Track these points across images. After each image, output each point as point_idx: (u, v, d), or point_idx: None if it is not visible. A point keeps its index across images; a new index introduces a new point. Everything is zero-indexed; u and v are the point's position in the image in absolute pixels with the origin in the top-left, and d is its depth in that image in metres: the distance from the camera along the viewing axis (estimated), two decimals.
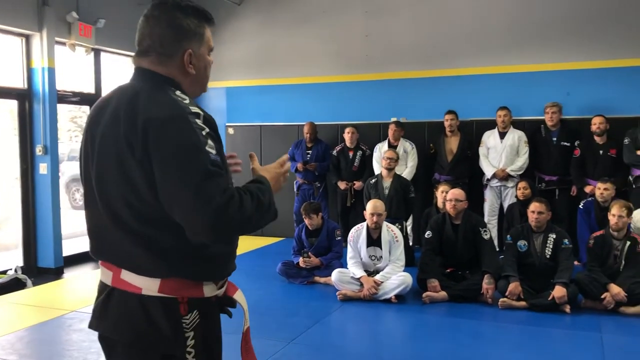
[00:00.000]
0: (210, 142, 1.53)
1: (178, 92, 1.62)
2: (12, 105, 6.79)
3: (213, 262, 1.67)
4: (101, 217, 1.64)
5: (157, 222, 1.55)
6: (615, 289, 4.70)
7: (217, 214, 1.45)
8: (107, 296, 1.66)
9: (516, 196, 6.38)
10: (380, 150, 7.32)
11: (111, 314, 1.64)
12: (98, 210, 1.64)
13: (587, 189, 6.41)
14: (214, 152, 1.52)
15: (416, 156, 7.33)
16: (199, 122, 1.54)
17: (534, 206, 5.12)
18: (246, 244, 8.06)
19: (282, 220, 8.15)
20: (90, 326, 1.70)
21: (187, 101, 1.59)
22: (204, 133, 1.53)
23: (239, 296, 1.82)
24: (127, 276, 1.61)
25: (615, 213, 4.90)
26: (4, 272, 6.33)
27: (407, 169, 7.24)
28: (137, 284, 1.60)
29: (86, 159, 1.68)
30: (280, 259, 6.09)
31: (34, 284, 6.21)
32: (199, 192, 1.45)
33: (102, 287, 1.69)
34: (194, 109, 1.57)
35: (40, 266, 6.85)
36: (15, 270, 6.32)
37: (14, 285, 6.14)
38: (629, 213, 4.92)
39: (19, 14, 6.54)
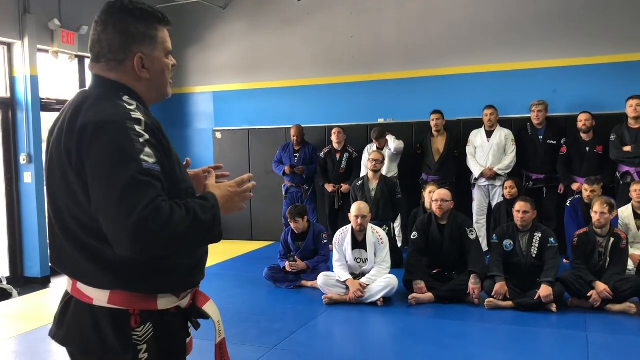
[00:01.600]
0: (147, 149, 1.45)
1: (126, 98, 1.57)
2: None
3: (169, 274, 1.60)
4: (54, 228, 1.62)
5: (100, 233, 1.47)
6: (600, 286, 4.68)
7: (137, 227, 1.36)
8: (66, 305, 1.64)
9: (503, 195, 6.35)
10: (369, 152, 7.28)
11: (66, 323, 1.62)
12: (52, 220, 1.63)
13: (574, 187, 6.39)
14: (151, 160, 1.45)
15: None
16: (138, 128, 1.47)
17: (519, 205, 5.09)
18: (234, 248, 8.03)
19: (271, 224, 8.20)
20: (49, 333, 1.68)
21: (132, 107, 1.53)
22: (141, 140, 1.46)
23: (209, 307, 1.75)
24: (81, 286, 1.58)
25: (597, 210, 4.88)
26: None
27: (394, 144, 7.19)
28: (89, 294, 1.57)
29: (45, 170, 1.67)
30: (269, 263, 6.05)
31: (20, 293, 6.16)
32: (122, 202, 1.37)
33: (65, 294, 1.68)
34: (136, 115, 1.50)
35: (26, 276, 6.80)
36: (0, 281, 6.28)
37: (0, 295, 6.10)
38: (611, 209, 4.89)
39: (0, 23, 6.49)
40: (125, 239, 1.37)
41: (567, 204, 6.19)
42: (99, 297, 1.55)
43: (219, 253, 7.74)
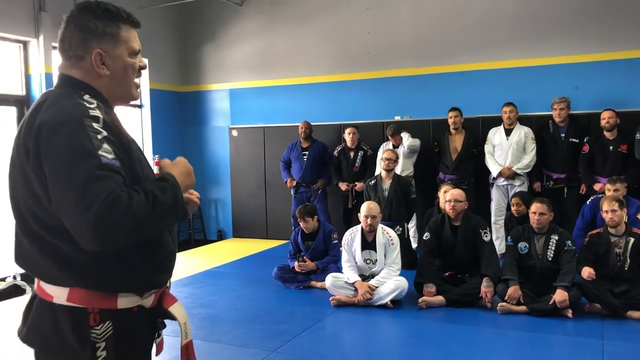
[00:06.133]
0: (106, 146, 1.47)
1: (87, 97, 1.58)
2: (11, 112, 6.79)
3: (129, 274, 1.59)
4: (16, 226, 1.63)
5: (59, 231, 1.49)
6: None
7: (98, 219, 1.37)
8: (30, 303, 1.66)
9: (511, 212, 6.05)
10: (384, 150, 7.13)
11: (29, 320, 1.64)
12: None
13: (597, 187, 6.15)
14: (109, 156, 1.46)
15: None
16: (96, 125, 1.49)
17: (536, 207, 4.89)
18: (248, 247, 7.99)
19: (286, 222, 8.11)
20: (17, 332, 1.68)
21: (92, 105, 1.55)
22: (99, 137, 1.48)
23: (175, 309, 1.74)
24: (43, 284, 1.59)
25: (606, 209, 4.66)
26: (3, 279, 6.34)
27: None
28: (49, 292, 1.57)
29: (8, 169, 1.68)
30: (282, 262, 5.96)
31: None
32: (82, 197, 1.39)
33: (32, 293, 1.69)
34: (94, 113, 1.52)
35: None
36: (14, 277, 6.32)
37: (13, 292, 6.15)
38: (621, 205, 4.66)
39: (16, 20, 6.55)
40: (88, 232, 1.39)
41: (587, 202, 5.94)
42: (59, 294, 1.56)
43: (232, 251, 7.71)
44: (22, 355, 4.13)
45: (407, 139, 7.01)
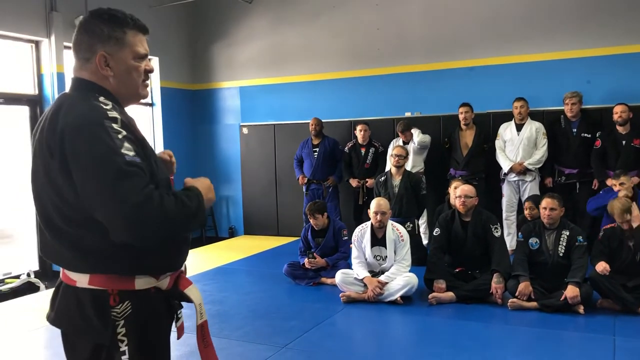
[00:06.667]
0: (127, 144, 1.59)
1: (102, 99, 1.69)
2: (24, 111, 6.87)
3: (144, 259, 1.70)
4: (39, 223, 1.76)
5: (80, 223, 1.63)
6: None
7: (134, 212, 1.50)
8: (57, 289, 1.79)
9: (524, 215, 6.00)
10: (393, 147, 7.11)
11: (57, 306, 1.77)
12: None
13: (609, 182, 6.07)
14: (131, 153, 1.57)
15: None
16: (115, 126, 1.61)
17: (546, 202, 4.85)
18: (259, 244, 8.01)
19: (297, 219, 8.12)
20: (46, 317, 1.81)
21: (108, 107, 1.66)
22: (119, 137, 1.59)
23: (191, 291, 1.87)
24: (66, 271, 1.73)
25: (620, 221, 4.66)
26: (17, 277, 6.42)
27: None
28: (72, 278, 1.71)
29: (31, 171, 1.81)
30: (290, 259, 5.97)
31: (48, 287, 6.27)
32: (115, 192, 1.51)
33: (58, 281, 1.81)
34: (112, 114, 1.63)
35: (54, 270, 6.91)
36: (28, 275, 6.40)
37: (27, 289, 6.23)
38: (630, 210, 4.64)
39: (28, 20, 6.61)
40: (123, 224, 1.51)
41: (601, 191, 5.89)
42: (81, 280, 1.68)
43: (244, 249, 7.74)
44: (37, 348, 4.21)
45: (417, 136, 6.98)
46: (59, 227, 1.67)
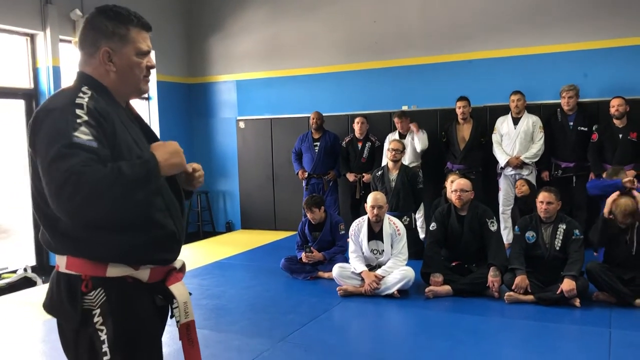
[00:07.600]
0: (83, 128, 1.60)
1: (84, 88, 1.72)
2: (20, 105, 6.83)
3: (120, 247, 1.71)
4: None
5: None
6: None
7: (57, 193, 1.53)
8: (51, 277, 1.83)
9: (515, 195, 6.06)
10: (390, 141, 7.11)
11: (47, 291, 1.83)
12: None
13: (605, 176, 6.08)
14: (85, 137, 1.58)
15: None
16: (78, 111, 1.63)
17: (543, 196, 4.86)
18: (257, 239, 8.01)
19: (294, 214, 8.12)
20: (42, 305, 1.85)
21: (85, 95, 1.69)
22: (78, 121, 1.61)
23: (176, 288, 1.85)
24: (56, 256, 1.78)
25: (622, 220, 4.66)
26: (14, 272, 6.41)
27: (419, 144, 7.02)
28: (57, 262, 1.76)
29: None
30: (287, 254, 5.98)
31: (44, 281, 6.26)
32: (48, 174, 1.56)
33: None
34: (80, 101, 1.66)
35: (51, 264, 6.90)
36: (25, 270, 6.39)
37: (24, 284, 6.22)
38: (634, 216, 4.65)
39: (23, 14, 6.57)
40: (55, 206, 1.56)
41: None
42: (61, 263, 1.73)
43: (240, 243, 7.74)
44: (34, 342, 4.20)
45: (419, 141, 6.97)
46: (42, 209, 1.70)
